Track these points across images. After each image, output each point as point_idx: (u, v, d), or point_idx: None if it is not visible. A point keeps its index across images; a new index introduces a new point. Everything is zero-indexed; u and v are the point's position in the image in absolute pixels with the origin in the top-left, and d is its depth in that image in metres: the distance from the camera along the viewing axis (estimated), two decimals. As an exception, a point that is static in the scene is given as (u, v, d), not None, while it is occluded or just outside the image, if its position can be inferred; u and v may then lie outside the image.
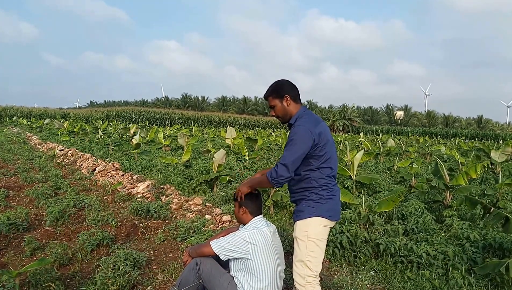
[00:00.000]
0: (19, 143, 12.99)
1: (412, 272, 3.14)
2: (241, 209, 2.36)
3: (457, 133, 43.24)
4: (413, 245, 3.30)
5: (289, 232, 3.97)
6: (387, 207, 3.85)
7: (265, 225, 2.33)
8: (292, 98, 2.21)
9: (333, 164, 2.19)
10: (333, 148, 2.22)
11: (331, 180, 2.19)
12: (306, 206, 2.14)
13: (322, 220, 2.12)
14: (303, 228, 2.13)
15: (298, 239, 2.15)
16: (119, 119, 36.31)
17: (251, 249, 2.20)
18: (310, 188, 2.14)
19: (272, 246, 2.27)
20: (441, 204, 4.75)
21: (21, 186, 6.47)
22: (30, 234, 4.11)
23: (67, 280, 3.11)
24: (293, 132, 2.09)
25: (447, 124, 54.56)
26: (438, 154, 13.66)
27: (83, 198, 5.28)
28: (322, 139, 2.10)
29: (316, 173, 2.13)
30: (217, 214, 4.68)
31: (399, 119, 57.40)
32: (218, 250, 2.23)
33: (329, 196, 2.15)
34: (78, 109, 57.23)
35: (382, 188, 5.65)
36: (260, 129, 31.81)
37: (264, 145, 12.89)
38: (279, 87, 2.22)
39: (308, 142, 2.06)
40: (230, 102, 61.74)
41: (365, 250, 3.42)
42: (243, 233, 2.23)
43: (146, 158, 9.03)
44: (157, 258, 3.68)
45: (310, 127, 2.09)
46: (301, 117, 2.17)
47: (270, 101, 2.25)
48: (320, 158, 2.11)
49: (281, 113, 2.24)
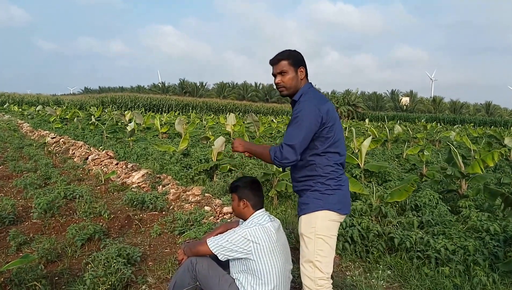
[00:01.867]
0: (9, 131, 12.58)
1: (430, 268, 2.90)
2: (241, 202, 2.07)
3: (465, 119, 42.57)
4: (430, 239, 3.05)
5: (295, 225, 3.71)
6: (399, 197, 3.60)
7: (268, 220, 2.05)
8: (305, 73, 1.97)
9: (341, 149, 1.91)
10: (341, 130, 1.95)
11: (339, 168, 1.92)
12: (312, 198, 1.87)
13: (331, 213, 1.86)
14: (309, 223, 1.87)
15: (305, 236, 1.89)
16: (114, 105, 35.69)
17: (253, 248, 1.92)
18: (315, 177, 1.87)
19: (277, 243, 1.99)
20: (456, 193, 4.51)
21: (9, 175, 6.14)
22: (17, 227, 3.83)
23: (55, 278, 2.85)
24: (299, 109, 1.83)
25: (454, 110, 53.94)
26: (448, 140, 13.37)
27: (74, 189, 4.97)
28: (330, 118, 1.84)
29: (322, 159, 1.86)
30: (217, 205, 4.41)
31: (405, 105, 56.77)
32: (216, 249, 1.95)
33: (337, 186, 1.88)
34: (72, 95, 56.32)
35: (392, 177, 5.39)
36: (261, 116, 31.30)
37: (266, 132, 12.58)
38: (298, 56, 1.94)
39: (316, 120, 1.80)
40: (229, 88, 60.88)
41: (378, 244, 3.17)
42: (244, 230, 1.96)
43: (141, 146, 8.71)
44: (153, 253, 3.42)
45: (317, 104, 1.84)
46: (307, 93, 1.91)
47: (282, 65, 1.92)
48: (327, 141, 1.85)
49: (290, 84, 1.93)
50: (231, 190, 2.14)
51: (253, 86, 60.91)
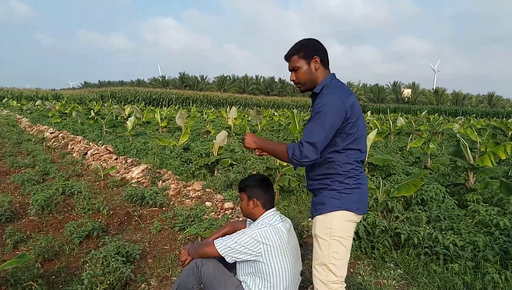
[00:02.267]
0: (7, 126, 12.47)
1: (439, 265, 2.80)
2: (251, 202, 1.96)
3: (467, 111, 42.11)
4: (439, 235, 2.95)
5: (299, 220, 3.62)
6: (407, 191, 3.49)
7: (280, 220, 1.94)
8: (322, 62, 1.78)
9: (362, 146, 1.78)
10: (364, 126, 1.80)
11: (359, 165, 1.79)
12: (328, 197, 1.75)
13: (348, 214, 1.74)
14: (325, 224, 1.75)
15: (319, 238, 1.77)
16: (114, 99, 35.50)
17: (263, 250, 1.82)
18: (333, 175, 1.75)
19: (288, 245, 1.89)
20: (463, 187, 4.40)
21: (7, 171, 6.05)
22: (14, 225, 3.75)
23: (52, 277, 2.77)
24: (321, 103, 1.66)
25: (456, 101, 53.35)
26: (451, 132, 13.23)
27: (72, 184, 4.89)
28: (354, 112, 1.70)
29: (342, 157, 1.73)
30: (218, 200, 4.32)
31: (406, 97, 56.30)
32: (224, 251, 1.85)
33: (356, 185, 1.76)
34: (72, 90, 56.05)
35: (397, 170, 5.28)
36: (262, 109, 31.08)
37: (268, 126, 12.44)
38: (310, 46, 1.79)
39: (340, 115, 1.65)
40: (230, 81, 60.40)
41: (384, 240, 3.07)
42: (254, 230, 1.85)
43: (141, 140, 8.60)
44: (153, 250, 3.34)
45: (342, 97, 1.68)
46: (330, 86, 1.74)
47: (293, 61, 1.79)
48: (348, 137, 1.71)
49: (305, 78, 1.79)
50: (240, 189, 2.03)
51: (254, 79, 60.45)
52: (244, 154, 6.65)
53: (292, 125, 7.52)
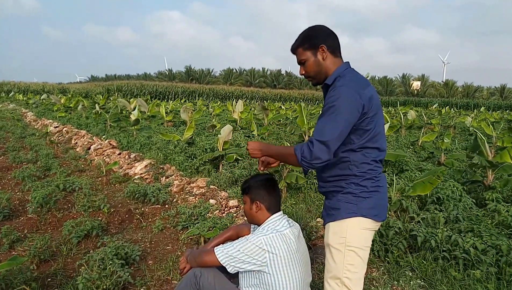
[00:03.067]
0: (12, 120, 12.44)
1: (458, 271, 2.60)
2: (254, 205, 1.77)
3: (478, 104, 41.27)
4: (459, 238, 2.74)
5: (307, 221, 3.44)
6: (423, 190, 3.28)
7: (287, 225, 1.75)
8: (331, 50, 1.59)
9: (381, 144, 1.59)
10: (383, 121, 1.61)
11: (378, 166, 1.60)
12: (343, 201, 1.56)
13: (365, 220, 1.55)
14: (339, 232, 1.56)
15: (332, 248, 1.58)
16: (120, 93, 35.48)
17: (268, 260, 1.63)
18: (348, 177, 1.56)
19: (296, 253, 1.69)
20: (481, 184, 4.16)
21: (9, 166, 5.96)
22: (12, 222, 3.63)
23: (47, 280, 2.64)
24: (334, 96, 1.47)
25: (467, 94, 52.27)
26: (463, 126, 12.87)
27: (74, 181, 4.76)
28: (372, 106, 1.50)
29: (358, 156, 1.54)
30: (222, 198, 4.15)
31: (416, 90, 55.41)
32: (225, 260, 1.66)
33: (374, 188, 1.56)
34: (79, 84, 56.24)
35: (410, 166, 5.05)
36: (268, 102, 30.77)
37: (275, 119, 12.21)
38: (314, 35, 1.60)
39: (356, 110, 1.46)
40: (236, 74, 59.98)
41: (398, 243, 2.88)
42: (258, 237, 1.65)
43: (145, 135, 8.46)
44: (154, 251, 3.19)
45: (358, 89, 1.48)
46: (344, 76, 1.55)
47: (299, 54, 1.62)
48: (365, 134, 1.52)
49: (314, 70, 1.61)
50: (242, 191, 1.84)
51: (261, 72, 59.94)
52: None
53: (300, 119, 7.30)
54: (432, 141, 7.70)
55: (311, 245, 3.00)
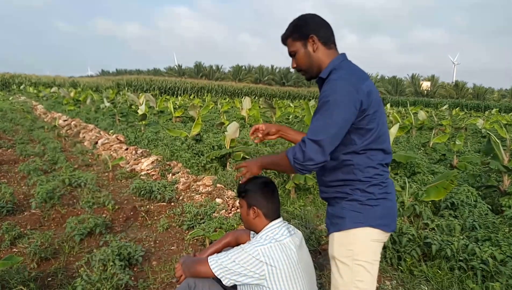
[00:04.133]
0: (22, 113, 12.55)
1: (476, 282, 2.46)
2: (251, 211, 1.62)
3: (489, 105, 40.64)
4: (476, 248, 2.59)
5: (316, 223, 3.32)
6: (437, 195, 3.14)
7: (287, 234, 1.60)
8: (323, 41, 1.44)
9: (386, 145, 1.44)
10: (385, 119, 1.46)
11: (385, 170, 1.45)
12: (348, 209, 1.41)
13: (374, 232, 1.41)
14: (345, 244, 1.42)
15: (338, 261, 1.44)
16: (130, 88, 35.67)
17: (267, 272, 1.48)
18: (353, 182, 1.41)
19: (298, 265, 1.55)
20: (496, 189, 3.99)
21: (16, 159, 5.96)
22: (15, 218, 3.59)
23: (47, 279, 2.57)
24: (329, 90, 1.33)
25: (477, 95, 51.52)
26: (474, 128, 12.57)
27: (79, 175, 4.72)
28: (372, 102, 1.35)
29: (362, 159, 1.39)
30: (229, 197, 4.06)
31: (425, 90, 54.76)
32: (219, 272, 1.52)
33: (382, 195, 1.42)
34: (89, 78, 56.77)
35: (421, 169, 4.88)
36: (277, 100, 30.57)
37: (283, 117, 12.07)
38: (303, 24, 1.46)
39: (353, 105, 1.31)
40: (245, 71, 59.85)
41: (411, 250, 2.74)
42: (255, 248, 1.50)
43: (153, 130, 8.42)
44: (158, 251, 3.11)
45: (355, 82, 1.34)
46: (340, 69, 1.40)
47: (289, 45, 1.49)
48: (368, 134, 1.37)
49: (305, 63, 1.47)
50: (238, 194, 1.69)
51: (270, 69, 59.66)
52: (257, 147, 6.36)
53: (307, 118, 7.15)
54: (444, 143, 7.49)
55: (321, 249, 2.88)
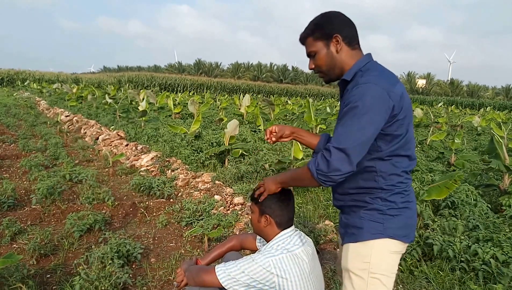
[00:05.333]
0: (26, 108, 12.56)
1: (478, 284, 2.44)
2: (263, 218, 1.54)
3: (484, 103, 40.76)
4: (478, 249, 2.57)
5: (314, 221, 3.30)
6: (438, 195, 3.10)
7: (299, 244, 1.51)
8: (347, 41, 1.34)
9: (412, 152, 1.35)
10: (412, 124, 1.36)
11: (408, 177, 1.36)
12: (367, 219, 1.32)
13: (393, 243, 1.32)
14: (361, 256, 1.33)
15: (352, 274, 1.35)
16: (131, 84, 35.71)
17: (278, 284, 1.40)
18: (374, 190, 1.31)
19: (310, 276, 1.46)
20: (496, 189, 3.95)
21: (19, 155, 5.96)
22: (16, 213, 3.59)
23: (46, 276, 2.57)
24: (358, 94, 1.21)
25: (472, 93, 51.75)
26: (470, 125, 12.57)
27: (80, 171, 4.72)
28: (403, 108, 1.26)
29: (387, 166, 1.30)
30: (227, 194, 4.04)
31: (421, 88, 54.86)
32: (227, 283, 1.44)
33: (404, 204, 1.32)
34: (92, 74, 56.84)
35: (420, 167, 4.86)
36: (275, 96, 30.64)
37: (281, 114, 12.05)
38: (326, 22, 1.35)
39: (385, 111, 1.21)
40: (244, 68, 59.93)
41: (412, 250, 2.72)
42: (266, 258, 1.42)
43: (153, 126, 8.41)
44: (157, 248, 3.11)
45: (386, 86, 1.23)
46: (368, 71, 1.29)
47: (309, 44, 1.38)
48: (395, 140, 1.27)
49: (326, 65, 1.37)
50: (252, 198, 1.60)
51: (268, 66, 59.73)
52: (256, 144, 6.33)
53: (308, 115, 7.12)
54: (441, 141, 7.45)
55: (319, 249, 2.86)
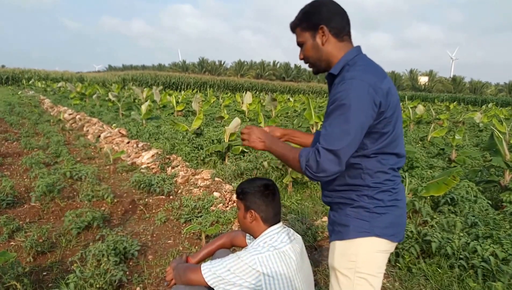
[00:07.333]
0: (30, 106, 12.66)
1: (477, 282, 2.39)
2: (249, 214, 1.50)
3: (486, 100, 40.37)
4: (477, 246, 2.52)
5: (312, 218, 3.27)
6: (437, 191, 3.06)
7: (287, 240, 1.47)
8: (334, 32, 1.28)
9: (400, 149, 1.30)
10: (401, 121, 1.31)
11: (396, 175, 1.32)
12: (353, 217, 1.29)
13: (380, 242, 1.28)
14: (347, 255, 1.30)
15: (338, 273, 1.32)
16: (135, 83, 35.88)
17: (264, 283, 1.37)
18: (360, 187, 1.28)
19: (298, 275, 1.42)
20: (496, 185, 3.89)
21: (21, 152, 6.01)
22: (15, 211, 3.62)
23: (42, 274, 2.57)
24: (344, 91, 1.17)
25: (474, 90, 51.40)
26: (472, 122, 12.45)
27: (80, 168, 4.73)
28: (390, 104, 1.21)
29: (373, 163, 1.26)
30: (227, 191, 4.03)
31: (423, 85, 54.59)
32: (212, 281, 1.41)
33: (392, 202, 1.28)
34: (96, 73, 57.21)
35: (420, 163, 4.80)
36: (277, 94, 30.68)
37: (282, 112, 12.00)
38: (314, 12, 1.29)
39: (371, 108, 1.17)
40: (247, 66, 60.05)
41: (410, 247, 2.68)
42: (252, 256, 1.38)
43: (154, 124, 8.42)
44: (155, 245, 3.11)
45: (373, 81, 1.18)
46: (354, 65, 1.24)
47: (297, 34, 1.34)
48: (382, 138, 1.23)
49: (312, 56, 1.32)
50: (237, 195, 1.57)
51: (271, 64, 59.77)
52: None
53: (308, 112, 7.08)
54: (442, 137, 7.39)
55: (316, 245, 2.84)
